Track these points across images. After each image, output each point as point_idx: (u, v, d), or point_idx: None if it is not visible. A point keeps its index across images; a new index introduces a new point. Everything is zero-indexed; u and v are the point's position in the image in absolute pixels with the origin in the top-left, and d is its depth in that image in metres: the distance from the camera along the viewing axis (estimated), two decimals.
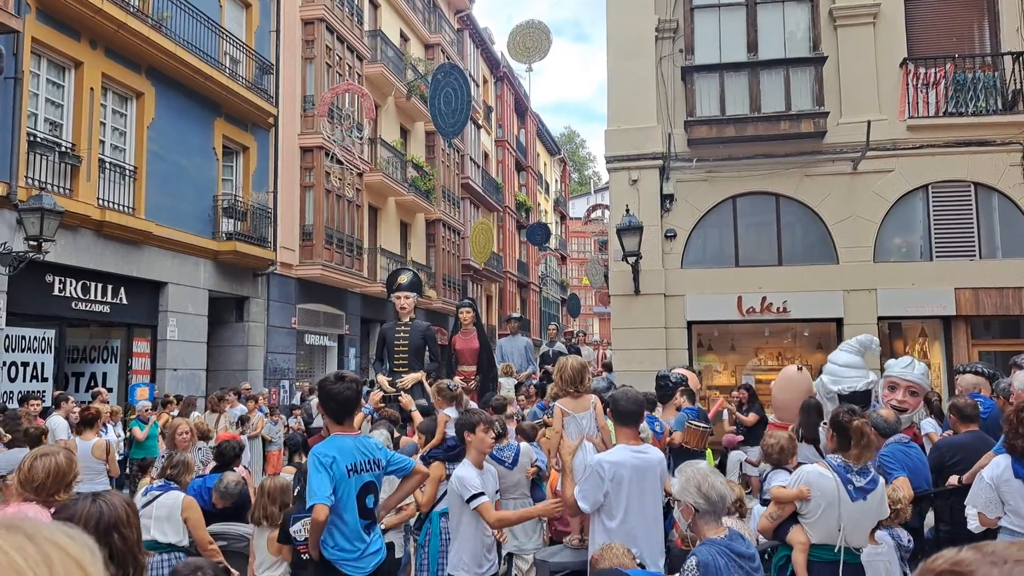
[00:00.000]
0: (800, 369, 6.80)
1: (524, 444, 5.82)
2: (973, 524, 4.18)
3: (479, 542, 4.44)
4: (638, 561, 3.33)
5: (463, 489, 4.33)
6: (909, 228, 12.24)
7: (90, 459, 7.57)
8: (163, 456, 8.79)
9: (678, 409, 7.99)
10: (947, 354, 11.91)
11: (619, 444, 4.10)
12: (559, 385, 4.65)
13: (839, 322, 12.02)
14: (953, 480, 5.07)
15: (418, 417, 6.40)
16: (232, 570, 4.95)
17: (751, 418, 9.16)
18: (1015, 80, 11.82)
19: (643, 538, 3.94)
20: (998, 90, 11.97)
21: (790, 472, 4.24)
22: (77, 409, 9.75)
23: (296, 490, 5.58)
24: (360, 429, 5.02)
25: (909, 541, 4.39)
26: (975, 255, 11.91)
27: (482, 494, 4.33)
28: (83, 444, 7.66)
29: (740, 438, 9.50)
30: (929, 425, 7.80)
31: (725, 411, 10.67)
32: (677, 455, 6.46)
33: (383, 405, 7.36)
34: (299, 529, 4.30)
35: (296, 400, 16.21)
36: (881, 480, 3.90)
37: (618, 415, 4.16)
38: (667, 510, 4.28)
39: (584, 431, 4.41)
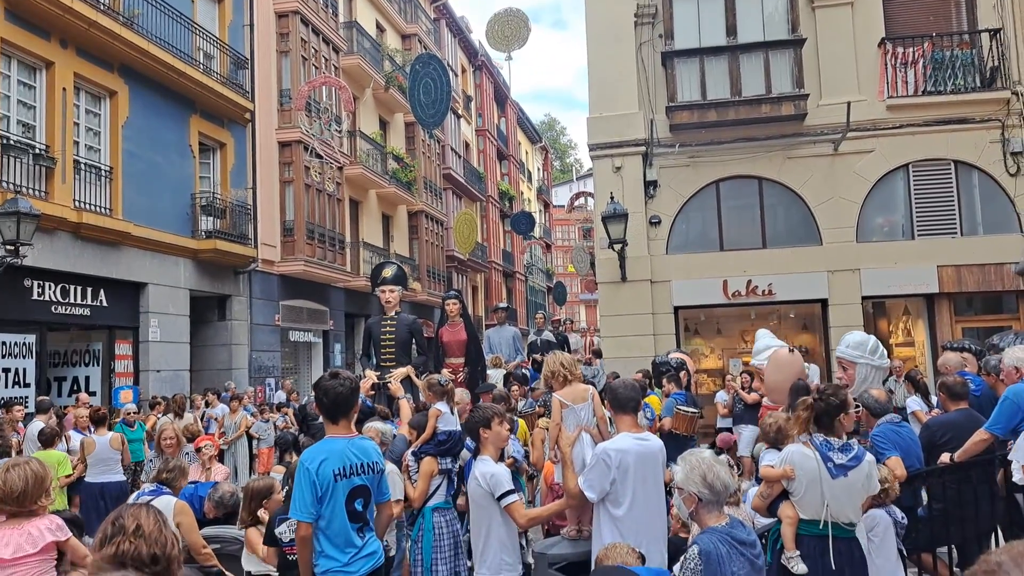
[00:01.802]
0: (792, 351, 6.79)
1: None
2: (1019, 476, 4.66)
3: (515, 539, 4.38)
4: (639, 552, 3.30)
5: (496, 486, 4.23)
6: (891, 207, 12.31)
7: (108, 451, 8.43)
8: (151, 460, 8.74)
9: (666, 395, 8.01)
10: (931, 331, 12.02)
11: (621, 432, 4.08)
12: (552, 382, 4.59)
13: (824, 303, 12.10)
14: (945, 458, 5.10)
15: (404, 407, 6.33)
16: (227, 573, 4.90)
17: (752, 397, 9.27)
18: (992, 57, 11.89)
19: (647, 527, 3.92)
20: (976, 67, 12.03)
21: (780, 452, 4.28)
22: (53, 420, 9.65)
23: (284, 490, 5.52)
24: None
25: (903, 518, 4.42)
26: (956, 232, 12.01)
27: (513, 491, 4.26)
28: (101, 439, 8.49)
29: (735, 437, 9.56)
30: (915, 403, 7.87)
31: (719, 394, 10.71)
32: (667, 441, 6.44)
33: (373, 393, 7.30)
34: (284, 530, 4.23)
35: (282, 398, 16.09)
36: (868, 457, 3.94)
37: (616, 403, 4.13)
38: None
39: (582, 422, 4.38)
